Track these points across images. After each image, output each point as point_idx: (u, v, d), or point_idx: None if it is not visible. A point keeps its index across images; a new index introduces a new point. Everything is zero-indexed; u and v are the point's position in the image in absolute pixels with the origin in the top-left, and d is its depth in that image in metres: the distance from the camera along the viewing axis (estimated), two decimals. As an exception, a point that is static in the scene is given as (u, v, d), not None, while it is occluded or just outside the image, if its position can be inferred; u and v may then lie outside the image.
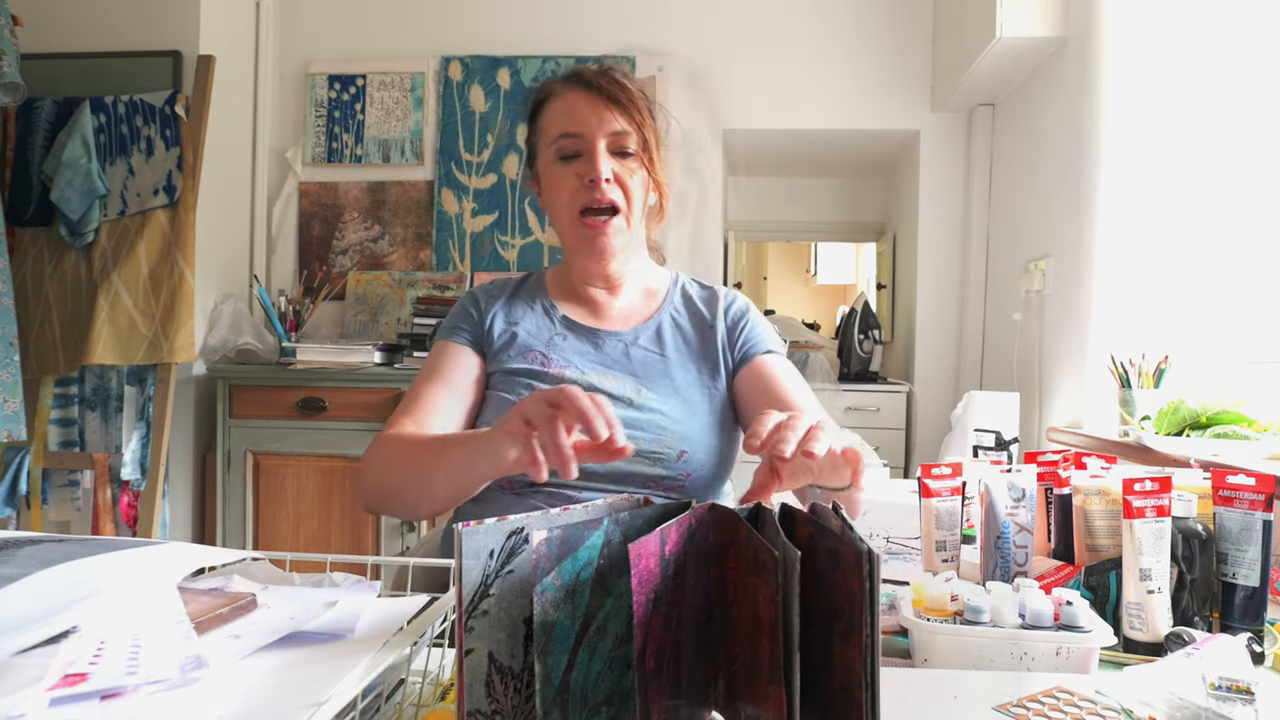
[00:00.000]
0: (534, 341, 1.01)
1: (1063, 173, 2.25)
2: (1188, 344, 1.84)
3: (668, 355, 1.02)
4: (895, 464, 3.00)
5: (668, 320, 1.05)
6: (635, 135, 0.96)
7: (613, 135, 0.95)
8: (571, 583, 0.46)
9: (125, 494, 2.29)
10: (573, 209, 0.97)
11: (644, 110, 0.98)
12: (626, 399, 0.96)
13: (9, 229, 2.27)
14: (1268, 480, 0.76)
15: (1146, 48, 1.94)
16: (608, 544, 0.48)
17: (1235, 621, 0.76)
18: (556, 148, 0.96)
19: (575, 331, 1.03)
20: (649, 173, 0.98)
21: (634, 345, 1.02)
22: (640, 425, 0.94)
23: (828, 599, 0.45)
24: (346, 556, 0.66)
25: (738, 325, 1.05)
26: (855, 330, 3.40)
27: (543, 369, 0.98)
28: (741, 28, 2.88)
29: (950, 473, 0.95)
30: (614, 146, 0.96)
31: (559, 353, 1.00)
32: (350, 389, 2.40)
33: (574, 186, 0.96)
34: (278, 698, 0.43)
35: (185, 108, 2.30)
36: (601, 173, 0.94)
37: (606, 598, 0.48)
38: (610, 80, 0.97)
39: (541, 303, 1.06)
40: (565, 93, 0.98)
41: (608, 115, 0.95)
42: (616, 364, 1.00)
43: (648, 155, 0.97)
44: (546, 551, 0.45)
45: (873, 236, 4.03)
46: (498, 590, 0.46)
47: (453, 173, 2.88)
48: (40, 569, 0.50)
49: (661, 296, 1.08)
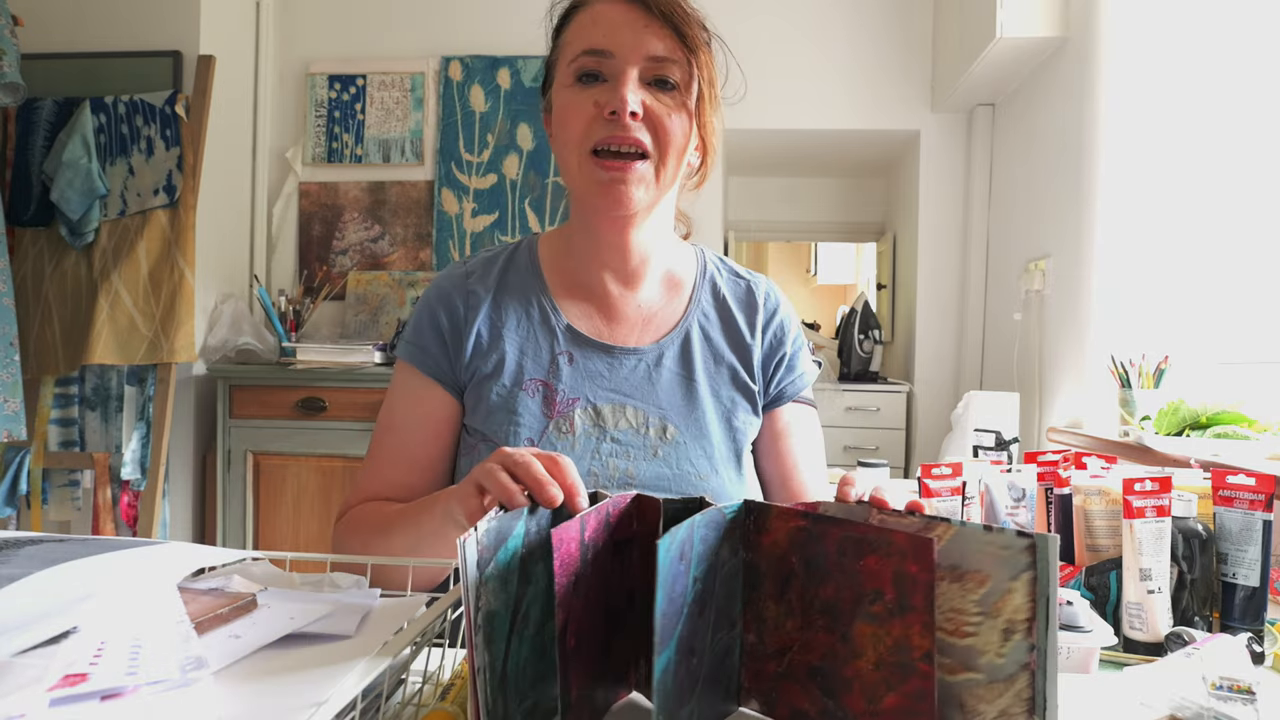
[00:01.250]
0: (532, 366, 0.80)
1: (1063, 173, 2.25)
2: (1188, 344, 1.84)
3: (696, 380, 0.82)
4: (895, 464, 3.00)
5: (696, 329, 0.84)
6: (682, 65, 0.73)
7: (651, 61, 0.73)
8: (504, 571, 0.48)
9: (125, 494, 2.29)
10: (584, 146, 0.73)
11: (699, 36, 0.75)
12: (650, 445, 0.79)
13: (9, 229, 2.27)
14: (1268, 480, 0.76)
15: (1146, 48, 1.94)
16: (527, 533, 0.50)
17: (1235, 621, 0.76)
18: (576, 65, 0.74)
19: (583, 348, 0.81)
20: (693, 120, 0.75)
21: (658, 366, 0.81)
22: (668, 483, 0.78)
23: (849, 583, 0.48)
24: (346, 556, 0.66)
25: (775, 355, 0.86)
26: (855, 330, 3.41)
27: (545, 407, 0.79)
28: (742, 28, 2.88)
29: (950, 473, 0.95)
30: (650, 74, 0.73)
31: (564, 380, 0.80)
32: (350, 389, 2.40)
33: (589, 116, 0.73)
34: (278, 698, 0.43)
35: (185, 108, 2.30)
36: (628, 102, 0.71)
37: (528, 585, 0.50)
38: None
39: (540, 304, 0.83)
40: (598, 1, 0.75)
41: (648, 34, 0.72)
42: (636, 391, 0.80)
43: (695, 95, 0.74)
44: (487, 543, 0.46)
45: (873, 236, 4.03)
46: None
47: (453, 173, 2.88)
48: (40, 569, 0.50)
49: (688, 292, 0.86)
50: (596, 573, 0.51)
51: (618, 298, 0.84)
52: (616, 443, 0.79)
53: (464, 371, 0.81)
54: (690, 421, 0.80)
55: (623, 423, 0.79)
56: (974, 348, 2.88)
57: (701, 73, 0.75)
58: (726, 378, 0.84)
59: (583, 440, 0.78)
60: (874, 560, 0.47)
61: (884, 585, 0.47)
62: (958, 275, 2.95)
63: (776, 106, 2.91)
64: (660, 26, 0.73)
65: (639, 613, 0.54)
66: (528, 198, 2.86)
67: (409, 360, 0.83)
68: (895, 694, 0.46)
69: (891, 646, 0.46)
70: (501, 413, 0.79)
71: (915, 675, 0.45)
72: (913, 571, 0.45)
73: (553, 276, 0.85)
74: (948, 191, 2.95)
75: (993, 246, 2.84)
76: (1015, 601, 0.43)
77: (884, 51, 2.89)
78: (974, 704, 0.45)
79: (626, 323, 0.84)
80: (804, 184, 4.02)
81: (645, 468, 0.78)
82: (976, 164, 2.86)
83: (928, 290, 2.99)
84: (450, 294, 0.83)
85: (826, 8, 2.89)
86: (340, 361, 2.46)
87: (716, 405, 0.82)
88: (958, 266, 2.95)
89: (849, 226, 4.05)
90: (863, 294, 3.75)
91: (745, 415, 0.84)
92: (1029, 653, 0.43)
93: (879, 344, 3.42)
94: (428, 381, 0.82)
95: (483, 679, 0.45)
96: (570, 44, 0.76)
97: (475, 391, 0.81)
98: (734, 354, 0.85)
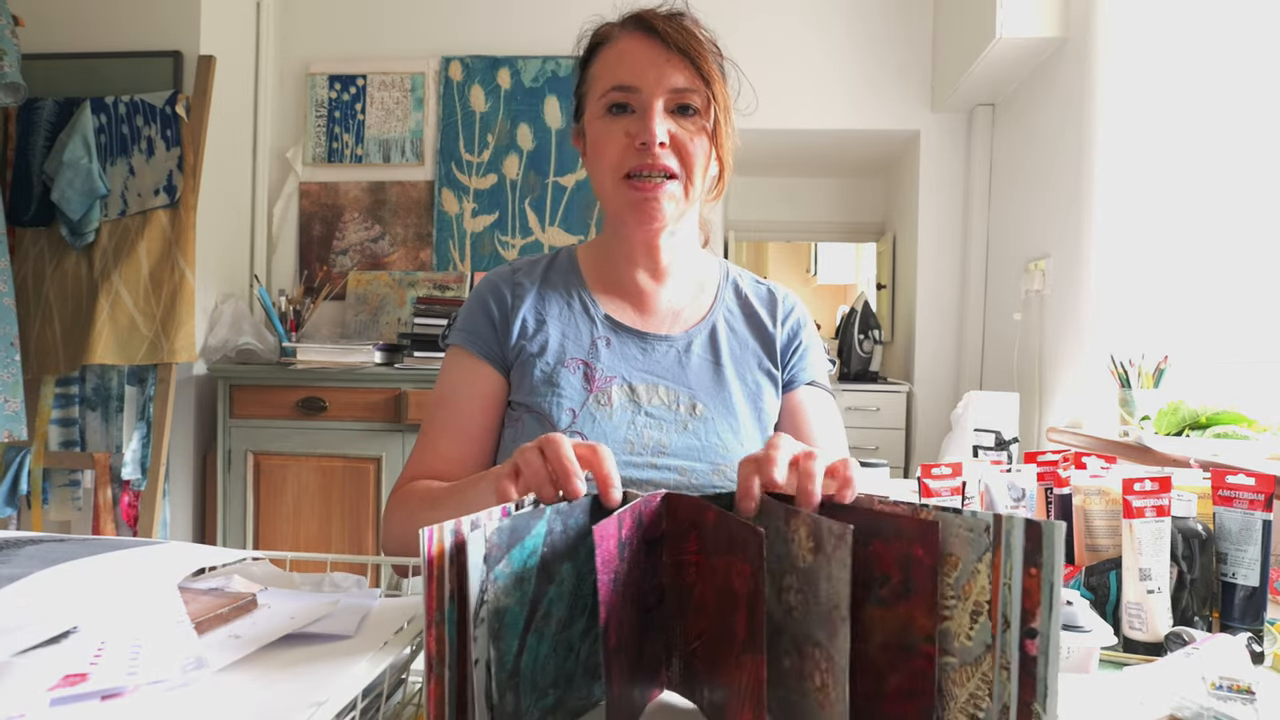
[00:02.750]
0: (573, 347, 0.88)
1: (1062, 173, 2.25)
2: (1187, 344, 1.84)
3: (723, 364, 0.90)
4: (895, 464, 3.00)
5: (721, 322, 0.93)
6: (701, 93, 0.82)
7: (673, 92, 0.81)
8: (520, 570, 0.48)
9: (126, 494, 2.29)
10: (618, 172, 0.83)
11: (715, 67, 0.83)
12: (681, 419, 0.86)
13: (10, 229, 2.27)
14: (1268, 480, 0.76)
15: (1146, 48, 1.94)
16: (550, 533, 0.50)
17: (1235, 621, 0.76)
18: (606, 100, 0.83)
19: (620, 334, 0.90)
20: (712, 141, 0.84)
21: (687, 352, 0.90)
22: (697, 454, 0.84)
23: (857, 568, 0.47)
24: (347, 556, 0.66)
25: (792, 344, 0.95)
26: (855, 330, 3.41)
27: (586, 383, 0.86)
28: (742, 28, 2.88)
29: (950, 473, 0.95)
30: (673, 103, 0.82)
31: (602, 361, 0.87)
32: (350, 389, 2.40)
33: (622, 146, 0.82)
34: (278, 698, 0.43)
35: (186, 108, 2.31)
36: (656, 135, 0.80)
37: (550, 584, 0.50)
38: (678, 26, 0.82)
39: (580, 297, 0.92)
40: (622, 37, 0.84)
41: (670, 68, 0.81)
42: (668, 373, 0.88)
43: (713, 120, 0.83)
44: (497, 541, 0.47)
45: (873, 236, 4.03)
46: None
47: (453, 173, 2.88)
48: (40, 569, 0.50)
49: (713, 293, 0.95)
50: (632, 570, 0.51)
51: (650, 293, 0.92)
52: (650, 417, 0.86)
53: (511, 351, 0.89)
54: (718, 401, 0.88)
55: (655, 400, 0.87)
56: (974, 348, 2.88)
57: (717, 101, 0.83)
58: (752, 364, 0.92)
59: (619, 412, 0.86)
60: (879, 545, 0.48)
61: (891, 569, 0.48)
62: (958, 275, 2.95)
63: (776, 106, 2.90)
64: (680, 59, 0.81)
65: (670, 611, 0.55)
66: (528, 198, 2.86)
67: (462, 344, 0.90)
68: (899, 674, 0.47)
69: (897, 628, 0.47)
70: (545, 386, 0.86)
71: (918, 655, 0.46)
72: (918, 555, 0.46)
73: (591, 274, 0.94)
74: (948, 191, 2.95)
75: (993, 246, 2.84)
76: (980, 583, 0.45)
77: (884, 51, 2.89)
78: (949, 688, 0.46)
79: (658, 315, 0.92)
80: (804, 184, 4.02)
81: (676, 439, 0.85)
82: (976, 164, 2.86)
83: (928, 290, 2.99)
84: (499, 285, 0.92)
85: (826, 8, 2.89)
86: (340, 361, 2.46)
87: (743, 388, 0.90)
88: (958, 266, 2.95)
89: (849, 226, 4.05)
90: (863, 294, 3.76)
91: (770, 398, 0.92)
92: (993, 635, 0.44)
93: (879, 344, 3.42)
94: (478, 362, 0.89)
95: (485, 673, 0.45)
96: (599, 78, 0.85)
97: (520, 369, 0.88)
98: (758, 343, 0.93)
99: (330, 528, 2.42)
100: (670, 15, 0.84)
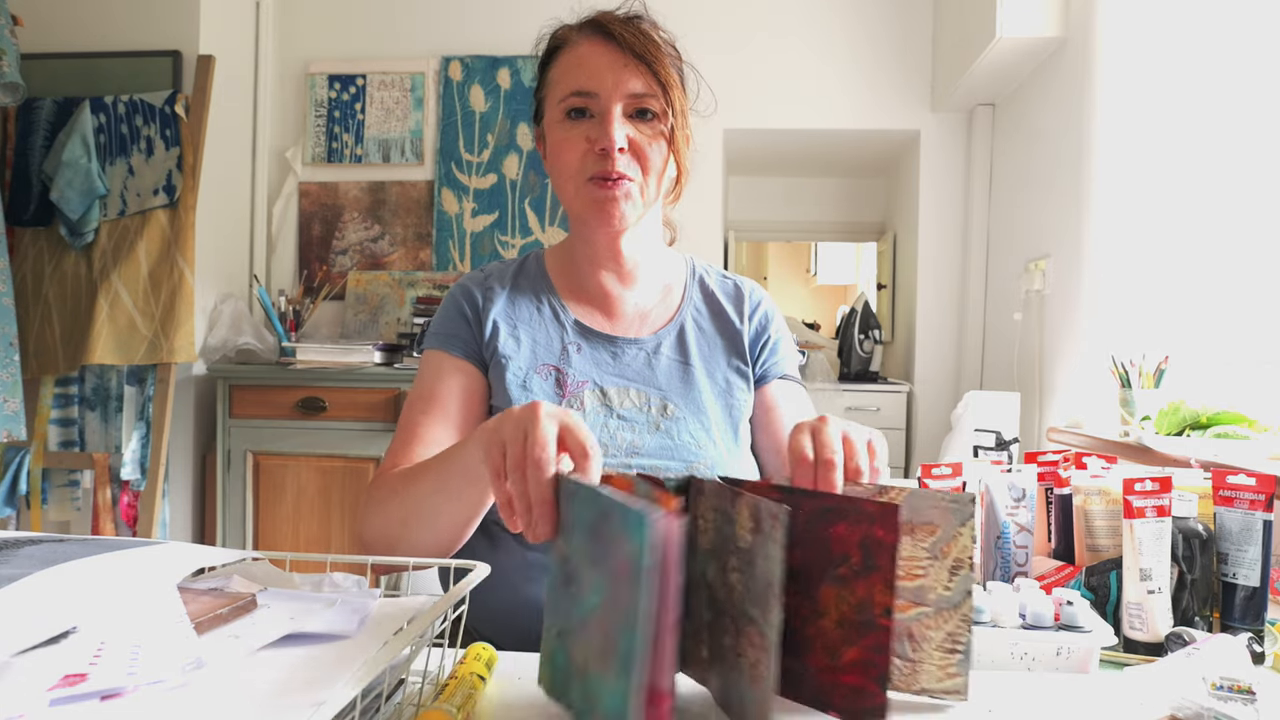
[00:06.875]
0: (545, 353, 0.89)
1: (1062, 173, 2.25)
2: (1188, 344, 1.84)
3: (692, 364, 0.91)
4: (895, 464, 3.00)
5: (689, 321, 0.94)
6: (658, 98, 0.82)
7: (631, 97, 0.82)
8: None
9: (125, 494, 2.29)
10: (580, 177, 0.84)
11: (672, 71, 0.84)
12: (653, 420, 0.87)
13: (9, 229, 2.27)
14: (1268, 480, 0.76)
15: (1146, 48, 1.94)
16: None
17: (1235, 621, 0.76)
18: (565, 105, 0.83)
19: (590, 339, 0.91)
20: (669, 146, 0.85)
21: (656, 354, 0.91)
22: (670, 453, 0.85)
23: (818, 550, 0.51)
24: (346, 556, 0.66)
25: (761, 338, 0.96)
26: (855, 330, 3.41)
27: (558, 389, 0.87)
28: (742, 28, 2.88)
29: (950, 473, 0.95)
30: (631, 108, 0.82)
31: (574, 366, 0.89)
32: (350, 389, 2.40)
33: (582, 150, 0.83)
34: (278, 698, 0.43)
35: (185, 108, 2.30)
36: (615, 141, 0.80)
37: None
38: (635, 31, 0.83)
39: (549, 302, 0.93)
40: (581, 42, 0.84)
41: (627, 73, 0.81)
42: (639, 376, 0.89)
43: (670, 125, 0.83)
44: None
45: (873, 236, 4.03)
46: None
47: (453, 173, 2.88)
48: (40, 569, 0.50)
49: (680, 293, 0.96)
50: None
51: (617, 297, 0.93)
52: (622, 419, 0.88)
53: (485, 350, 0.90)
54: (688, 400, 0.89)
55: (627, 402, 0.88)
56: (974, 348, 2.88)
57: (673, 107, 0.83)
58: (721, 361, 0.93)
59: (592, 416, 0.87)
60: (843, 527, 0.50)
61: (851, 550, 0.50)
62: (958, 275, 2.95)
63: (776, 106, 2.91)
64: (637, 64, 0.82)
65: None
66: (528, 197, 2.86)
67: (439, 347, 0.90)
68: (855, 648, 0.50)
69: (855, 605, 0.50)
70: (517, 389, 0.87)
71: (875, 630, 0.49)
72: (879, 535, 0.49)
73: (558, 281, 0.95)
74: (948, 191, 2.95)
75: (993, 246, 2.84)
76: (963, 542, 0.53)
77: (884, 51, 2.89)
78: (922, 631, 0.54)
79: (625, 319, 0.93)
80: (804, 184, 4.02)
81: (649, 440, 0.86)
82: (976, 164, 2.86)
83: (928, 290, 2.99)
84: (470, 288, 0.94)
85: (826, 8, 2.89)
86: (340, 361, 2.46)
87: (713, 386, 0.91)
88: (958, 266, 2.95)
89: (849, 226, 4.05)
90: (863, 294, 3.75)
91: (741, 394, 0.92)
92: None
93: (879, 344, 3.42)
94: (458, 360, 0.89)
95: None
96: (558, 82, 0.85)
97: (495, 372, 0.89)
98: (726, 340, 0.94)
99: (330, 528, 2.42)
100: (628, 19, 0.85)
